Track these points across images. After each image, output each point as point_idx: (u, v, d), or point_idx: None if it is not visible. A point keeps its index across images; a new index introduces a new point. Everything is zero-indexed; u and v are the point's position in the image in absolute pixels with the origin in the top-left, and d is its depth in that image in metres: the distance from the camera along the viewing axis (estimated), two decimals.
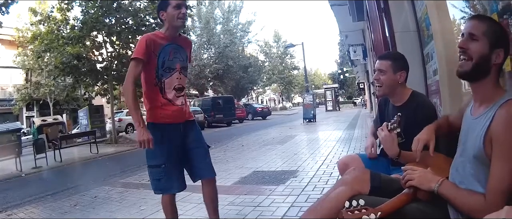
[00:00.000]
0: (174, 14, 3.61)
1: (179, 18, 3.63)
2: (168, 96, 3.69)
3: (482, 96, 1.96)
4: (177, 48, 3.76)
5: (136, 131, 3.50)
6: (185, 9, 3.67)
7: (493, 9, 2.65)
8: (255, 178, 7.35)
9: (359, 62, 27.84)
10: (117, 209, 6.06)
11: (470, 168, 1.91)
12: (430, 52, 4.71)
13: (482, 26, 1.89)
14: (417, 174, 2.11)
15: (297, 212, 4.83)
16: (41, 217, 6.28)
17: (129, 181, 8.74)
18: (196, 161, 3.88)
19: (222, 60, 43.42)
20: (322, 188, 5.94)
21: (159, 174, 3.67)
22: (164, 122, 3.69)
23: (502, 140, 1.71)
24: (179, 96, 3.76)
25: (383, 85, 3.15)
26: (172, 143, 3.71)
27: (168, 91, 3.69)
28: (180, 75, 3.76)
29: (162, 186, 3.72)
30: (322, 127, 20.56)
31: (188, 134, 3.87)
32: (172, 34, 3.75)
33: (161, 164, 3.64)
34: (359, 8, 13.22)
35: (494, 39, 1.86)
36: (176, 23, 3.67)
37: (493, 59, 1.86)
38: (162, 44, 3.65)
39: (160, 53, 3.62)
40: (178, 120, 3.78)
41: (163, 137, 3.62)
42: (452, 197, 1.93)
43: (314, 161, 8.59)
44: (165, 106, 3.69)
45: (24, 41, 26.46)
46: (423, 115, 2.91)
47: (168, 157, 3.66)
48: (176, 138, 3.75)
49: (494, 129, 1.76)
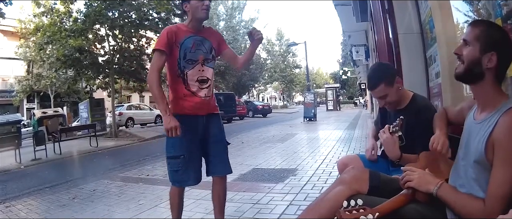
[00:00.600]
0: (198, 5, 3.61)
1: (203, 10, 3.63)
2: (191, 88, 3.68)
3: (483, 100, 1.97)
4: (200, 40, 3.75)
5: (163, 119, 3.50)
6: (208, 1, 3.66)
7: (497, 14, 2.66)
8: (255, 175, 7.35)
9: (361, 63, 27.83)
10: (115, 203, 6.06)
11: (471, 172, 1.92)
12: (433, 55, 4.71)
13: (475, 32, 1.93)
14: (416, 176, 2.11)
15: (296, 210, 4.83)
16: (39, 209, 6.28)
17: (128, 175, 8.74)
18: (213, 156, 3.88)
19: None
20: (321, 187, 5.94)
21: (177, 165, 3.67)
22: (186, 113, 3.67)
23: (504, 146, 1.72)
24: (202, 88, 3.73)
25: (391, 103, 3.12)
26: (192, 134, 3.70)
27: (191, 83, 3.68)
28: (202, 67, 3.73)
29: (179, 177, 3.73)
30: (323, 126, 20.54)
31: (209, 127, 3.87)
32: (195, 26, 3.75)
33: (180, 155, 3.64)
34: (363, 9, 13.22)
35: (485, 43, 1.88)
36: (199, 15, 3.66)
37: (484, 63, 1.88)
38: (184, 36, 3.65)
39: (182, 44, 3.62)
40: (200, 112, 3.76)
41: (183, 128, 3.53)
42: (451, 201, 1.94)
43: (314, 160, 8.60)
44: (188, 98, 3.68)
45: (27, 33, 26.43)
46: (425, 118, 2.90)
47: (188, 149, 3.66)
48: (197, 130, 3.75)
49: (496, 135, 1.77)
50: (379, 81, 3.06)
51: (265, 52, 66.88)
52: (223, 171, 3.95)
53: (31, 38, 25.32)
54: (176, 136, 3.41)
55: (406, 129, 2.98)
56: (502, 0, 2.61)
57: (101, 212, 5.55)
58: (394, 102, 3.11)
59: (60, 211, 5.88)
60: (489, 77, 1.90)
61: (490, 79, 1.91)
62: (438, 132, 2.40)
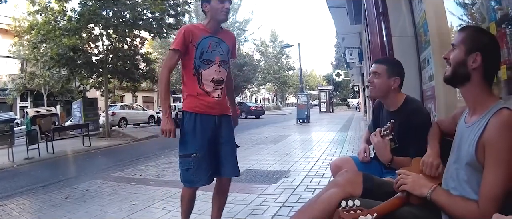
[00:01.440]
0: (218, 7, 3.63)
1: (222, 12, 3.65)
2: (206, 88, 3.69)
3: (473, 102, 2.00)
4: (217, 41, 3.76)
5: (162, 119, 3.58)
6: (228, 4, 3.69)
7: (492, 18, 2.67)
8: (247, 176, 7.35)
9: (354, 65, 27.91)
10: (108, 203, 6.04)
11: (463, 175, 1.94)
12: (426, 58, 4.72)
13: (461, 35, 2.00)
14: (410, 179, 2.13)
15: (288, 211, 4.84)
16: (32, 208, 6.26)
17: (121, 175, 8.73)
18: (223, 157, 3.84)
19: None
20: (313, 189, 5.96)
21: (189, 164, 3.64)
22: (199, 111, 3.68)
23: (495, 148, 1.74)
24: (217, 89, 3.75)
25: (375, 88, 3.16)
26: (205, 134, 3.68)
27: (205, 83, 3.69)
28: (219, 68, 3.75)
29: (190, 177, 3.68)
30: (316, 128, 20.59)
31: (221, 128, 3.84)
32: (213, 27, 3.76)
33: (192, 153, 3.62)
34: (357, 11, 13.25)
35: (470, 45, 1.93)
36: (219, 17, 3.68)
37: (469, 64, 1.92)
38: (202, 36, 3.66)
39: (199, 44, 3.64)
40: (213, 112, 3.75)
41: (196, 127, 3.64)
42: (444, 204, 1.95)
43: (307, 162, 8.62)
44: (201, 97, 3.68)
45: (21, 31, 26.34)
46: (417, 121, 2.92)
47: (200, 147, 3.63)
48: (209, 129, 3.72)
49: (486, 137, 1.79)
50: (384, 63, 3.19)
51: (258, 53, 66.89)
52: (232, 173, 3.92)
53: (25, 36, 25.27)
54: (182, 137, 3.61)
55: (398, 131, 2.99)
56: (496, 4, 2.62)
57: (93, 212, 5.53)
58: (378, 89, 3.16)
59: (53, 211, 5.86)
60: (476, 79, 1.94)
61: (477, 81, 1.94)
62: (429, 151, 2.42)
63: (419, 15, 4.92)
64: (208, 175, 3.70)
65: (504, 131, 1.73)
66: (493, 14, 2.65)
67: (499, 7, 2.58)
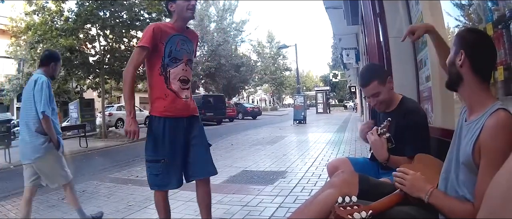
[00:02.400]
0: (184, 5, 3.63)
1: (189, 9, 3.66)
2: (173, 87, 3.64)
3: (470, 102, 2.01)
4: (184, 40, 3.77)
5: (126, 120, 3.49)
6: (194, 1, 3.70)
7: (488, 18, 2.66)
8: (244, 177, 7.36)
9: (351, 66, 27.94)
10: (105, 204, 6.03)
11: (460, 175, 1.94)
12: (423, 59, 4.72)
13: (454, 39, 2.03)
14: (408, 180, 2.13)
15: (285, 212, 4.84)
16: None
17: (117, 176, 8.70)
18: (196, 158, 3.81)
19: (215, 59, 43.36)
20: (310, 190, 5.95)
21: (158, 169, 3.61)
22: (167, 115, 3.64)
23: (490, 148, 1.75)
24: (184, 88, 3.72)
25: (382, 103, 3.13)
26: (174, 138, 3.65)
27: (173, 82, 3.65)
28: (186, 67, 3.74)
29: (159, 182, 3.66)
30: (312, 128, 20.64)
31: (191, 130, 3.83)
32: (180, 25, 3.76)
33: (160, 159, 3.59)
34: (354, 12, 13.26)
35: (457, 45, 1.97)
36: (185, 14, 3.69)
37: (456, 63, 1.95)
38: (170, 34, 3.65)
39: (167, 42, 3.62)
40: (182, 113, 3.73)
41: (165, 132, 3.60)
42: (442, 206, 1.97)
43: (303, 163, 8.63)
44: (169, 98, 3.63)
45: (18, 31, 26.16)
46: (413, 120, 2.93)
47: (169, 152, 3.61)
48: (178, 133, 3.70)
49: (483, 138, 1.80)
50: (372, 79, 3.09)
51: (255, 54, 66.95)
52: (207, 173, 3.90)
53: (22, 36, 25.06)
54: (149, 141, 3.62)
55: (395, 131, 3.00)
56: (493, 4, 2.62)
57: (90, 213, 5.49)
58: (385, 101, 3.13)
59: (50, 212, 5.86)
60: (468, 77, 1.94)
61: (470, 80, 1.94)
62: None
63: (416, 15, 4.92)
64: (177, 179, 3.72)
65: (500, 132, 1.74)
66: (490, 14, 2.65)
67: (496, 8, 2.58)
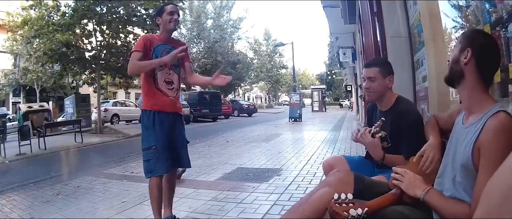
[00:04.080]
0: (167, 18, 4.24)
1: (171, 22, 4.26)
2: (160, 87, 4.24)
3: (469, 103, 2.00)
4: (170, 49, 4.24)
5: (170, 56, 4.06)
6: (177, 16, 4.31)
7: (486, 20, 2.67)
8: (239, 174, 7.34)
9: (348, 65, 27.99)
10: (99, 200, 6.01)
11: (458, 176, 1.94)
12: (420, 59, 4.73)
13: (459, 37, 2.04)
14: (406, 179, 2.14)
15: (280, 210, 4.84)
16: (23, 205, 6.21)
17: (112, 172, 8.67)
18: (177, 151, 4.38)
19: (211, 55, 43.42)
20: (305, 188, 5.96)
21: (150, 155, 4.13)
22: (156, 109, 4.21)
23: (490, 151, 1.75)
24: (169, 89, 4.30)
25: (373, 92, 3.15)
26: (162, 128, 4.20)
27: (160, 83, 4.24)
28: (169, 71, 4.32)
29: (151, 167, 4.13)
30: (308, 126, 20.63)
31: (174, 126, 4.37)
32: (166, 36, 4.37)
33: (152, 145, 4.13)
34: (351, 11, 13.27)
35: (463, 43, 1.96)
36: (168, 27, 4.29)
37: (461, 60, 1.95)
38: (156, 44, 4.24)
39: (154, 50, 4.21)
40: (167, 109, 4.27)
41: (154, 123, 4.18)
42: (437, 206, 1.96)
43: (299, 160, 8.62)
44: (158, 95, 4.23)
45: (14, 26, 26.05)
46: (408, 120, 2.93)
47: (158, 140, 4.15)
48: (165, 125, 4.24)
49: (482, 140, 1.79)
50: (376, 64, 3.18)
51: (252, 52, 66.99)
52: (186, 164, 4.56)
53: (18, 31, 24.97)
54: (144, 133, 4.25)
55: (390, 131, 3.01)
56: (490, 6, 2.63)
57: (85, 209, 5.50)
58: (377, 91, 3.15)
59: (44, 207, 5.82)
60: (470, 76, 1.94)
61: (472, 79, 1.94)
62: (431, 141, 2.40)
63: (414, 16, 4.93)
64: (166, 164, 4.19)
65: (500, 134, 1.74)
66: (487, 16, 2.66)
67: (493, 9, 2.59)
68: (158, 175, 4.19)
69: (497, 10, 2.54)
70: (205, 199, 5.58)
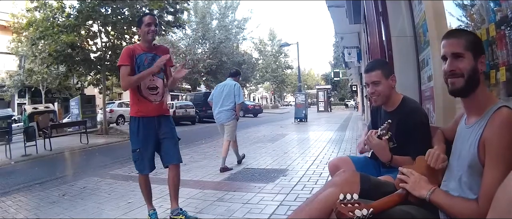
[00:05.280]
0: (145, 30, 4.54)
1: (149, 33, 4.54)
2: (144, 94, 4.61)
3: (476, 106, 1.99)
4: (153, 57, 4.63)
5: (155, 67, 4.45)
6: (154, 27, 4.58)
7: (491, 19, 2.66)
8: (245, 175, 7.36)
9: (353, 65, 27.92)
10: (105, 201, 6.04)
11: (464, 177, 1.94)
12: (425, 58, 4.72)
13: (462, 42, 1.95)
14: (411, 179, 2.14)
15: (286, 210, 4.84)
16: (29, 205, 6.23)
17: (118, 172, 8.71)
18: (166, 148, 4.75)
19: (216, 56, 43.36)
20: (311, 188, 5.96)
21: (136, 157, 4.66)
22: (140, 115, 4.62)
23: (494, 146, 1.76)
24: (153, 94, 4.66)
25: (380, 95, 3.09)
26: (146, 133, 4.62)
27: (143, 89, 4.60)
28: (153, 78, 4.65)
29: (138, 167, 4.71)
30: (313, 127, 20.60)
31: (161, 126, 4.73)
32: (146, 46, 4.66)
33: (136, 148, 4.63)
34: (356, 11, 13.23)
35: (475, 49, 1.92)
36: (147, 37, 4.58)
37: (479, 69, 1.92)
38: (138, 53, 4.57)
39: (137, 59, 4.55)
40: (152, 113, 4.64)
41: (139, 128, 4.60)
42: (444, 204, 1.96)
43: (304, 161, 8.61)
44: (141, 102, 4.62)
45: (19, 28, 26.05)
46: (415, 120, 2.91)
47: (142, 144, 4.62)
48: (150, 129, 4.63)
49: (487, 136, 1.80)
50: (377, 67, 3.12)
51: (257, 52, 66.89)
52: (175, 160, 4.80)
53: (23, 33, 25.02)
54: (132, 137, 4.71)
55: (396, 131, 2.99)
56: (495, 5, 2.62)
57: (91, 210, 5.53)
58: (383, 95, 3.10)
59: (50, 208, 5.84)
60: (481, 82, 1.93)
61: (482, 84, 1.94)
62: (436, 146, 2.40)
63: (419, 15, 4.92)
64: (150, 165, 4.72)
65: (504, 128, 1.74)
66: (492, 15, 2.65)
67: (498, 8, 2.58)
68: (144, 174, 4.75)
69: (501, 8, 2.53)
70: (211, 199, 5.60)
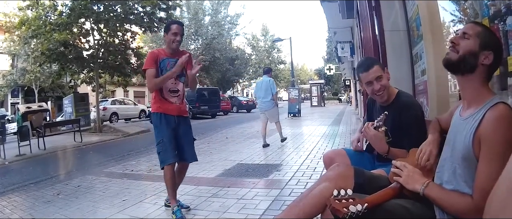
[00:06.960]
0: (171, 38, 4.78)
1: (174, 43, 4.80)
2: (165, 96, 4.90)
3: (470, 96, 2.01)
4: (174, 61, 4.83)
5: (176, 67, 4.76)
6: (179, 37, 4.82)
7: (485, 13, 2.68)
8: (239, 170, 7.38)
9: (346, 59, 27.91)
10: (100, 199, 6.03)
11: (458, 169, 1.94)
12: (419, 53, 4.73)
13: (477, 29, 1.97)
14: (405, 173, 2.15)
15: (281, 205, 4.86)
16: (24, 205, 6.21)
17: (112, 170, 8.69)
18: (184, 147, 5.00)
19: (209, 52, 43.18)
20: (305, 183, 5.98)
21: (160, 148, 4.81)
22: (162, 111, 4.87)
23: (490, 141, 1.76)
24: (173, 96, 4.94)
25: (386, 89, 3.07)
26: (167, 126, 4.84)
27: (165, 92, 4.89)
28: (175, 81, 4.93)
29: (162, 157, 4.80)
30: (307, 122, 20.61)
31: (179, 126, 4.98)
32: (170, 52, 4.91)
33: (160, 139, 4.81)
34: (349, 6, 13.24)
35: (485, 41, 1.92)
36: (171, 46, 4.84)
37: (481, 59, 1.92)
38: (162, 58, 4.84)
39: (161, 63, 4.82)
40: (172, 113, 4.91)
41: (161, 122, 4.84)
42: (438, 198, 1.97)
43: (298, 155, 8.65)
44: (163, 102, 4.90)
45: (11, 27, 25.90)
46: (410, 114, 2.92)
47: (165, 135, 4.80)
48: (170, 123, 4.87)
49: (483, 131, 1.81)
50: (374, 63, 3.11)
51: (250, 47, 66.78)
52: (191, 159, 5.11)
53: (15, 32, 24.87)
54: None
55: (392, 125, 2.99)
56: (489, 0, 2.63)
57: (85, 208, 5.52)
58: (387, 88, 3.08)
59: (45, 208, 5.82)
60: (480, 73, 1.94)
61: (481, 76, 1.95)
62: (429, 138, 2.41)
63: (412, 9, 4.93)
64: (174, 155, 4.83)
65: (500, 124, 1.75)
66: (486, 9, 2.66)
67: (492, 3, 2.59)
68: (169, 163, 4.76)
69: (495, 3, 2.54)
70: (206, 195, 5.61)
